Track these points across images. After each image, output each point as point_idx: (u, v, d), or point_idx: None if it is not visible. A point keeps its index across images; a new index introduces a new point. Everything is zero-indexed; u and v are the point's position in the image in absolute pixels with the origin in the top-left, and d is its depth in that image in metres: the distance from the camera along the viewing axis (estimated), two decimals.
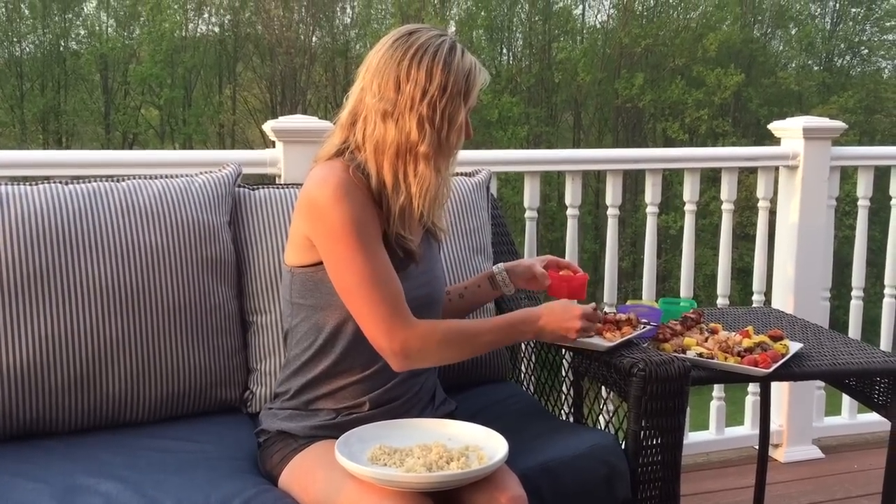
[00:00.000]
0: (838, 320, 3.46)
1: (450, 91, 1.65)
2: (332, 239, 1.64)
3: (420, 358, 1.67)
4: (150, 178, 2.06)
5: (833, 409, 3.36)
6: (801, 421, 3.21)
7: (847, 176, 3.37)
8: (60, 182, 1.98)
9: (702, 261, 16.21)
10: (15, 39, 25.77)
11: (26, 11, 25.75)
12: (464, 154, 2.75)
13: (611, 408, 2.09)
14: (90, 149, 24.13)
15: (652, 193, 3.02)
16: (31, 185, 1.94)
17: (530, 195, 2.88)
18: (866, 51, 29.32)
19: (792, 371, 2.01)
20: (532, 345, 2.36)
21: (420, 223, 1.79)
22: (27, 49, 26.12)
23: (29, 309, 1.82)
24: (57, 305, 1.84)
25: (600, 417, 2.14)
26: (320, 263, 1.69)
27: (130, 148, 25.57)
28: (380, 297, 1.63)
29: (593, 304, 1.82)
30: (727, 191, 3.10)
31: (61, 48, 25.85)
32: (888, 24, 28.75)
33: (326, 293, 1.70)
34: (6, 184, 1.93)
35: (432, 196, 1.70)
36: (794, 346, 2.07)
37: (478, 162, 2.63)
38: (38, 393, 1.82)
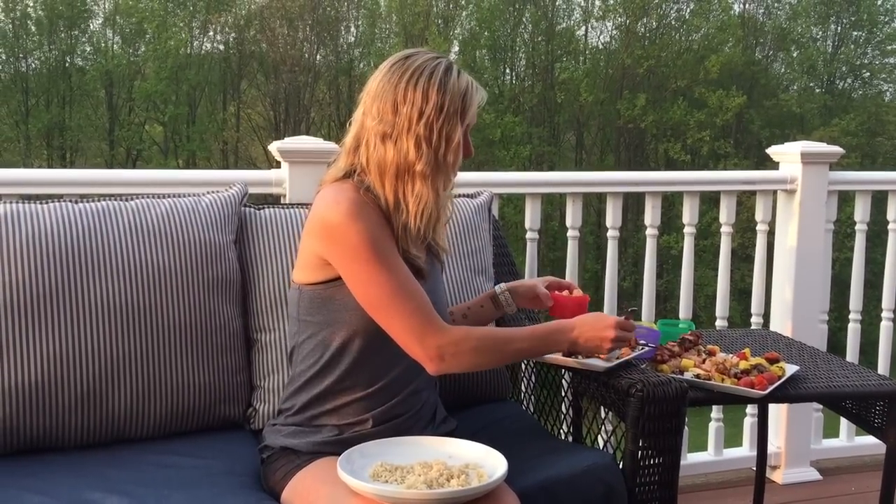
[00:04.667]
0: (840, 342, 3.49)
1: (446, 111, 1.69)
2: (352, 258, 1.67)
3: (455, 363, 1.70)
4: (158, 197, 2.09)
5: (831, 431, 3.38)
6: (800, 443, 3.23)
7: (849, 198, 3.40)
8: (70, 201, 2.01)
9: (703, 281, 16.20)
10: (21, 55, 25.92)
11: (32, 28, 25.91)
12: (465, 175, 2.80)
13: (609, 428, 2.11)
14: (94, 165, 24.23)
15: (652, 216, 3.06)
16: (40, 203, 1.98)
17: (531, 216, 2.92)
18: (868, 74, 29.44)
19: (788, 393, 2.03)
20: (532, 365, 2.39)
21: (422, 242, 1.82)
22: (33, 65, 26.28)
23: (37, 327, 1.85)
24: (65, 323, 1.87)
25: (599, 437, 2.17)
26: (330, 281, 1.72)
27: (134, 164, 25.67)
28: (409, 309, 1.66)
29: (626, 308, 1.86)
30: (726, 214, 3.14)
31: (67, 64, 25.99)
32: (889, 47, 28.88)
33: (334, 310, 1.73)
34: (17, 202, 1.97)
35: (429, 214, 1.74)
36: (791, 369, 2.09)
37: (479, 183, 2.66)
38: (45, 409, 1.85)
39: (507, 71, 28.75)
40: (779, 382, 2.00)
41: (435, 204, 1.74)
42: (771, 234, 3.24)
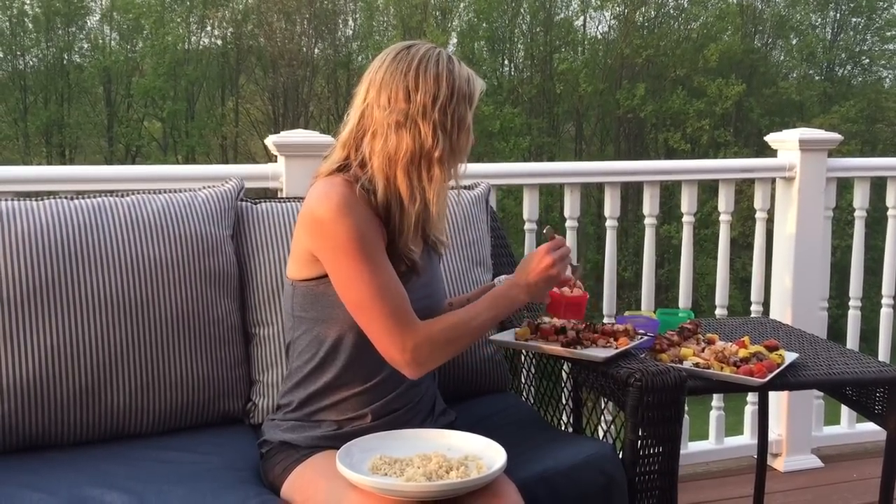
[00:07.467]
0: (841, 329, 3.48)
1: (457, 96, 1.69)
2: (337, 254, 1.66)
3: (432, 360, 1.69)
4: (154, 192, 2.09)
5: (832, 418, 3.38)
6: (801, 430, 3.23)
7: (849, 185, 3.40)
8: (65, 197, 2.00)
9: (704, 270, 16.20)
10: (18, 53, 25.89)
11: (30, 25, 25.87)
12: None
13: (609, 418, 2.11)
14: (93, 162, 24.22)
15: (650, 205, 3.05)
16: (36, 200, 1.97)
17: (529, 207, 2.91)
18: (867, 60, 29.37)
19: (787, 381, 2.03)
20: (531, 356, 2.39)
21: (421, 235, 1.82)
22: (31, 62, 26.25)
23: (34, 323, 1.85)
24: (61, 319, 1.86)
25: (598, 427, 2.16)
26: (322, 277, 1.72)
27: (133, 160, 25.65)
28: (388, 311, 1.65)
29: (546, 230, 1.85)
30: (724, 202, 3.13)
31: (65, 61, 25.96)
32: (889, 33, 28.81)
33: (328, 306, 1.73)
34: (11, 199, 1.96)
35: (445, 199, 1.74)
36: (790, 356, 2.09)
37: (477, 175, 2.66)
38: (43, 405, 1.85)
39: (506, 62, 28.69)
40: (778, 370, 1.99)
41: (447, 189, 1.73)
42: (770, 222, 3.23)
